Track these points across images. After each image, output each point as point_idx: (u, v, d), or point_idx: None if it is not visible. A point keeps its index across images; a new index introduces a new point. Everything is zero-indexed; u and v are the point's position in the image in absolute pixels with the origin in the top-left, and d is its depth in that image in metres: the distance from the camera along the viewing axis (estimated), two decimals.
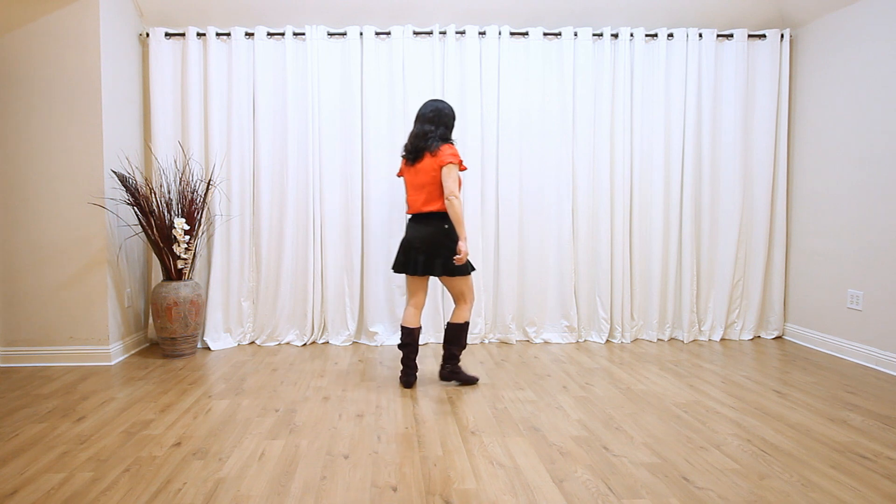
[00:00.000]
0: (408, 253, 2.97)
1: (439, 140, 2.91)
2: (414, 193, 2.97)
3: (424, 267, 2.91)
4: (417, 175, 2.94)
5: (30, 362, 3.47)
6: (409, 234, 2.99)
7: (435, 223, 2.92)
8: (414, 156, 2.94)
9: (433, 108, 2.95)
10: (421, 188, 2.93)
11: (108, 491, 1.92)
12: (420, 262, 2.91)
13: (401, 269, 3.00)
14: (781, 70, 3.98)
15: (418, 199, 2.95)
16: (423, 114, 2.96)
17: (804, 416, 2.59)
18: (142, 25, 3.90)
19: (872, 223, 3.41)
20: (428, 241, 2.90)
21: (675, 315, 4.08)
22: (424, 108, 2.97)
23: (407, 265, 2.97)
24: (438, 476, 2.03)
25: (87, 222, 3.45)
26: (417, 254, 2.93)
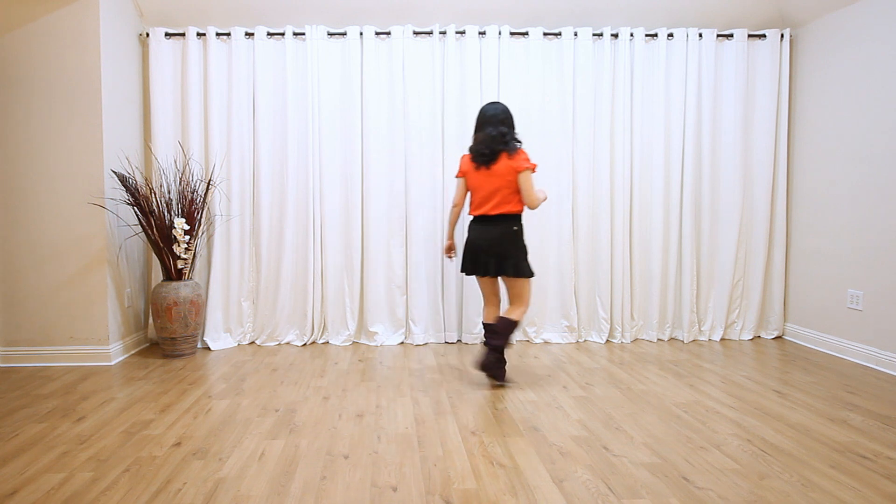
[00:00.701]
0: (477, 255, 2.99)
1: (514, 142, 2.96)
2: (484, 195, 2.96)
3: (497, 268, 2.95)
4: (491, 178, 2.94)
5: (30, 362, 3.47)
6: (477, 237, 2.99)
7: (505, 225, 2.95)
8: (489, 159, 2.93)
9: (503, 111, 2.97)
10: (495, 191, 2.93)
11: (108, 491, 1.92)
12: (491, 264, 2.95)
13: (471, 271, 3.03)
14: (781, 70, 3.98)
15: (490, 201, 2.95)
16: (495, 115, 2.96)
17: (804, 416, 2.59)
18: (142, 25, 3.90)
19: (872, 223, 3.41)
20: (498, 242, 2.94)
21: (675, 315, 4.08)
22: (493, 109, 2.97)
23: (477, 267, 3.00)
24: (438, 476, 2.03)
25: (87, 222, 3.45)
26: (488, 256, 2.96)
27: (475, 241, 3.01)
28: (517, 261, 2.94)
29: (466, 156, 3.07)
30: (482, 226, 3.00)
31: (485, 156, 2.94)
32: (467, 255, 3.05)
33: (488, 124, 2.96)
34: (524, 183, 2.91)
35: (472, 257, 3.03)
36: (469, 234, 3.06)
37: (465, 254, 3.06)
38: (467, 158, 3.05)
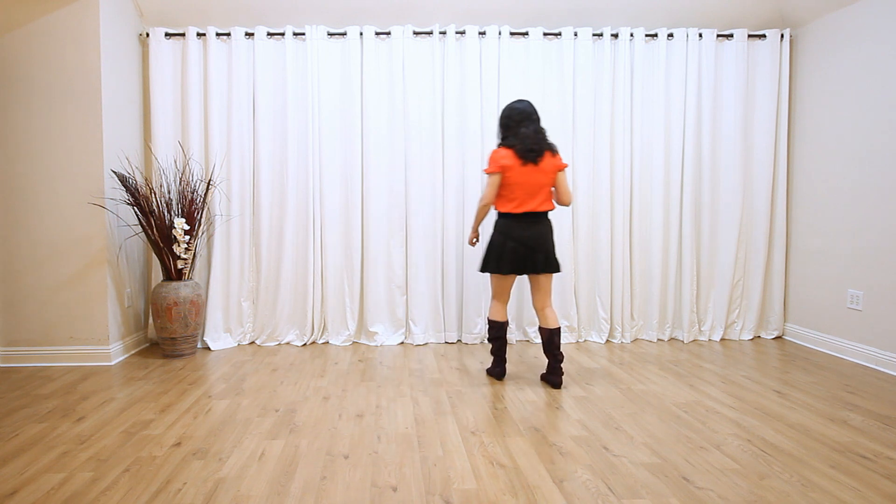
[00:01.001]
0: (522, 253, 2.93)
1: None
2: (530, 192, 2.92)
3: (544, 265, 2.94)
4: (537, 175, 2.91)
5: (30, 362, 3.47)
6: (523, 234, 2.93)
7: (547, 222, 2.98)
8: (538, 155, 2.91)
9: (534, 110, 2.98)
10: (540, 188, 2.93)
11: (108, 491, 1.92)
12: (539, 260, 2.93)
13: (519, 269, 2.95)
14: (781, 70, 3.98)
15: (536, 198, 2.93)
16: (534, 112, 2.96)
17: (804, 416, 2.59)
18: (142, 25, 3.90)
19: (872, 223, 3.41)
20: (546, 239, 2.96)
21: (675, 315, 4.09)
22: (529, 107, 2.96)
23: (525, 265, 2.94)
24: (438, 476, 2.03)
25: (87, 222, 3.45)
26: (537, 253, 2.94)
27: (523, 238, 2.92)
28: (555, 256, 3.01)
29: (506, 151, 2.93)
30: (529, 223, 2.94)
31: (535, 152, 2.91)
32: (509, 253, 2.93)
33: (529, 121, 2.94)
34: (564, 180, 2.98)
35: (517, 255, 2.93)
36: (510, 231, 2.94)
37: (506, 253, 2.94)
38: (510, 154, 2.91)
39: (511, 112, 2.98)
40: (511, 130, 2.97)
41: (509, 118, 2.98)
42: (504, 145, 2.96)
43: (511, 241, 2.94)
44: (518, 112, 2.96)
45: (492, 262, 2.99)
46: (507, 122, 2.99)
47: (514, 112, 2.96)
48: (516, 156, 2.91)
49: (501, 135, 3.03)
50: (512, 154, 2.92)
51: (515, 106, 2.98)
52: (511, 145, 2.93)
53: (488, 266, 3.01)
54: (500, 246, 2.96)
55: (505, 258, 2.95)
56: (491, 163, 2.95)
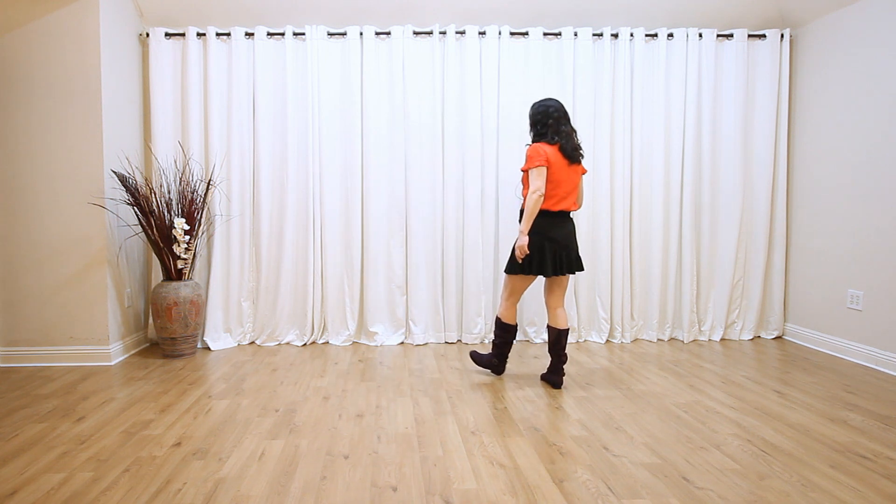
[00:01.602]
0: (558, 252, 2.91)
1: None
2: (569, 191, 2.93)
3: (572, 264, 2.95)
4: (574, 175, 2.95)
5: (30, 362, 3.47)
6: (558, 233, 2.91)
7: (572, 221, 3.01)
8: (579, 155, 2.94)
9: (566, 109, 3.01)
10: (575, 187, 2.97)
11: (108, 491, 1.92)
12: (573, 258, 2.96)
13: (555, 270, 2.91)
14: (781, 70, 3.98)
15: (570, 197, 2.95)
16: (566, 114, 2.97)
17: (804, 416, 2.59)
18: (142, 25, 3.90)
19: (872, 223, 3.41)
20: (574, 238, 3.00)
21: (675, 315, 4.08)
22: (561, 106, 2.96)
23: (560, 265, 2.92)
24: (438, 476, 2.03)
25: (87, 222, 3.45)
26: (571, 251, 2.95)
27: (560, 237, 2.91)
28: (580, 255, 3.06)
29: (549, 146, 2.89)
30: (563, 221, 2.95)
31: (578, 152, 2.95)
32: (550, 254, 2.89)
33: (566, 121, 2.95)
34: (582, 184, 3.08)
35: (556, 255, 2.91)
36: (547, 230, 2.90)
37: (548, 253, 2.89)
38: (555, 150, 2.88)
39: (548, 110, 2.94)
40: (550, 128, 2.93)
41: (547, 115, 2.94)
42: (546, 142, 2.93)
43: (549, 241, 2.90)
44: (555, 110, 2.94)
45: (534, 266, 2.90)
46: (545, 120, 2.94)
47: (552, 110, 2.94)
48: (562, 154, 2.90)
49: (538, 131, 2.99)
50: (556, 151, 2.90)
51: (551, 104, 2.96)
52: (555, 142, 2.91)
53: (530, 269, 2.91)
54: (540, 248, 2.89)
55: (546, 259, 2.89)
56: (535, 157, 2.85)
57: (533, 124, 3.01)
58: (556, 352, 3.00)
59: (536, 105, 3.00)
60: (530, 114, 3.03)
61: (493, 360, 3.17)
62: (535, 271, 2.91)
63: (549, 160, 2.87)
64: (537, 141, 2.97)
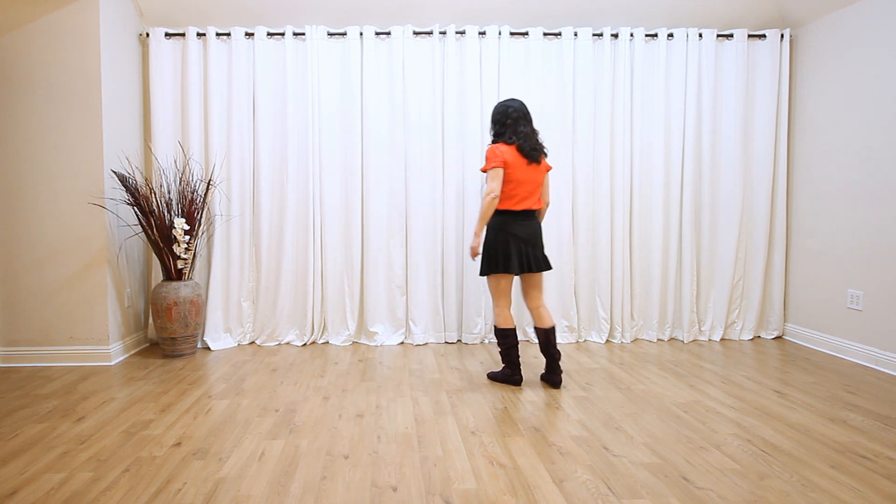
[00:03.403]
0: (523, 250, 2.94)
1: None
2: (531, 190, 2.96)
3: (538, 262, 2.98)
4: (536, 174, 2.97)
5: (30, 362, 3.47)
6: (521, 232, 2.94)
7: (536, 220, 3.04)
8: (538, 154, 2.97)
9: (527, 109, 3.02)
10: (538, 186, 3.00)
11: (108, 491, 1.92)
12: (540, 257, 2.99)
13: (521, 268, 2.93)
14: (781, 70, 3.98)
15: (532, 196, 2.98)
16: (527, 113, 3.00)
17: (804, 416, 2.59)
18: (142, 25, 3.90)
19: (872, 223, 3.41)
20: (539, 236, 3.03)
21: (675, 315, 4.08)
22: (524, 106, 2.99)
23: (527, 263, 2.94)
24: (438, 476, 2.03)
25: (87, 222, 3.45)
26: (535, 249, 2.98)
27: (525, 235, 2.95)
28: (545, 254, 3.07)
29: (508, 147, 2.92)
30: (527, 220, 2.97)
31: (538, 151, 2.97)
32: (515, 251, 2.91)
33: (526, 120, 2.98)
34: (548, 181, 3.08)
35: (521, 253, 2.93)
36: (510, 228, 2.92)
37: (513, 251, 2.91)
38: (512, 150, 2.91)
39: (507, 110, 2.98)
40: (509, 128, 2.97)
41: (506, 115, 2.98)
42: (503, 142, 2.96)
43: (513, 239, 2.93)
44: (514, 110, 2.98)
45: (500, 263, 2.92)
46: (504, 120, 2.98)
47: (511, 110, 2.98)
48: (520, 153, 2.93)
49: (497, 131, 3.03)
50: (514, 151, 2.93)
51: (511, 104, 2.99)
52: (513, 142, 2.94)
53: (497, 267, 2.93)
54: (504, 244, 2.93)
55: (512, 256, 2.91)
56: (493, 158, 2.90)
57: (492, 124, 3.05)
58: (549, 351, 3.00)
59: (497, 105, 3.05)
60: (491, 114, 3.08)
61: (505, 371, 3.07)
62: (502, 269, 2.93)
63: (507, 161, 2.91)
64: (496, 141, 3.02)
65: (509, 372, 3.06)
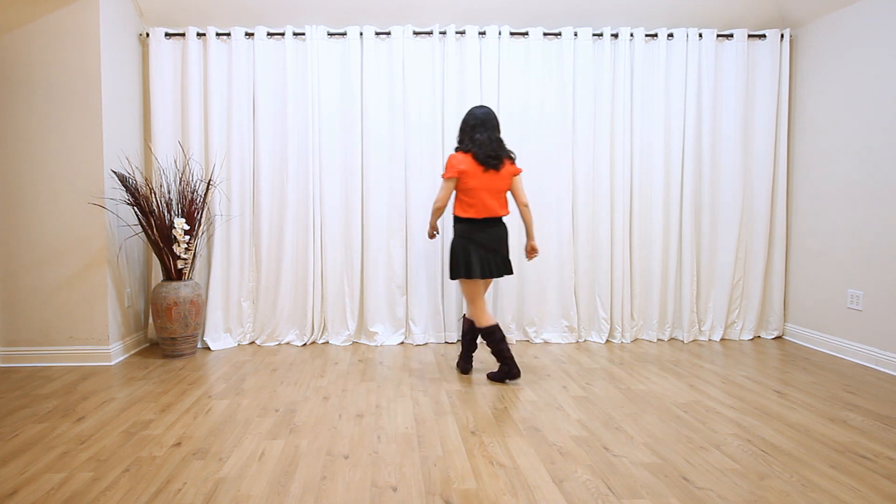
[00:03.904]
0: (487, 257, 3.01)
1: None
2: (491, 197, 3.01)
3: (502, 268, 3.06)
4: (497, 181, 3.00)
5: (30, 362, 3.47)
6: (485, 238, 3.02)
7: (503, 226, 3.09)
8: (498, 162, 2.99)
9: (494, 116, 3.05)
10: (499, 193, 3.03)
11: (108, 491, 1.92)
12: (500, 263, 3.06)
13: (483, 273, 3.00)
14: (781, 70, 3.98)
15: (495, 202, 3.02)
16: (491, 121, 3.02)
17: (804, 416, 2.59)
18: (142, 25, 3.90)
19: (872, 223, 3.41)
20: (504, 242, 3.08)
21: (675, 315, 4.08)
22: (488, 115, 3.03)
23: (490, 268, 3.02)
24: (438, 476, 2.03)
25: (87, 222, 3.45)
26: (496, 256, 3.04)
27: (487, 243, 3.02)
28: (509, 259, 3.14)
29: (464, 156, 2.98)
30: (491, 227, 3.03)
31: (495, 159, 2.98)
32: (475, 258, 3.00)
33: (484, 128, 3.01)
34: (519, 184, 3.08)
35: (483, 259, 3.01)
36: (472, 236, 3.01)
37: (471, 257, 3.00)
38: (468, 159, 2.97)
39: (468, 118, 3.06)
40: (466, 136, 3.04)
41: (465, 123, 3.06)
42: (461, 150, 3.03)
43: (475, 246, 3.02)
44: (474, 118, 3.03)
45: (462, 268, 3.03)
46: (464, 127, 3.07)
47: (471, 118, 3.04)
48: (476, 161, 2.98)
49: (458, 139, 3.11)
50: (470, 159, 2.99)
51: (473, 112, 3.05)
52: (468, 150, 3.00)
53: (459, 272, 3.04)
54: (466, 251, 3.02)
55: (474, 263, 3.01)
56: (448, 168, 3.00)
57: (458, 132, 3.13)
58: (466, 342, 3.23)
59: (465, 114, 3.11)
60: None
61: (503, 368, 3.10)
62: (464, 275, 3.02)
63: (462, 170, 2.98)
64: (457, 149, 3.07)
65: (506, 368, 3.08)
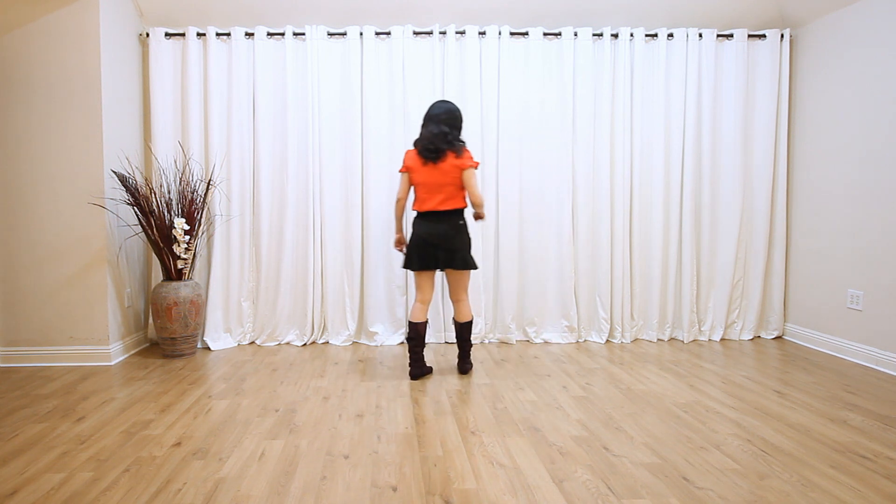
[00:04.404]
0: (425, 249, 3.03)
1: (459, 142, 3.03)
2: (430, 192, 3.02)
3: (446, 262, 3.03)
4: (437, 174, 3.00)
5: (30, 362, 3.47)
6: (424, 231, 3.04)
7: (453, 220, 3.04)
8: (436, 155, 2.98)
9: (447, 111, 3.03)
10: (440, 187, 3.01)
11: (108, 491, 1.92)
12: (441, 257, 3.02)
13: (418, 266, 3.04)
14: (781, 70, 3.98)
15: (435, 197, 3.02)
16: (438, 115, 3.02)
17: (804, 416, 2.59)
18: (142, 25, 3.90)
19: (872, 223, 3.41)
20: (447, 237, 3.02)
21: (675, 315, 4.08)
22: (437, 109, 3.03)
23: (427, 261, 3.03)
24: (438, 476, 2.03)
25: (87, 222, 3.45)
26: (437, 250, 3.02)
27: (425, 236, 3.04)
28: (464, 254, 3.06)
29: (411, 151, 3.09)
30: (429, 221, 3.04)
31: (432, 152, 2.99)
32: (414, 250, 3.06)
33: (432, 122, 3.03)
34: (469, 180, 3.01)
35: (421, 252, 3.05)
36: (415, 229, 3.08)
37: (412, 249, 3.08)
38: (413, 154, 3.07)
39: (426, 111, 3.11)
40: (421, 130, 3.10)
41: (424, 118, 3.10)
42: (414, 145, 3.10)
43: (416, 239, 3.06)
44: (427, 112, 3.08)
45: (405, 260, 3.13)
46: (422, 122, 3.12)
47: (426, 112, 3.09)
48: (418, 155, 3.03)
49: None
50: (415, 154, 3.05)
51: (430, 106, 3.09)
52: (416, 145, 3.07)
53: (404, 263, 3.15)
54: (409, 244, 3.12)
55: (413, 255, 3.07)
56: (402, 163, 3.14)
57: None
58: (460, 342, 3.22)
59: None
60: None
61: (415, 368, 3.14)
62: (405, 265, 3.12)
63: (408, 165, 3.08)
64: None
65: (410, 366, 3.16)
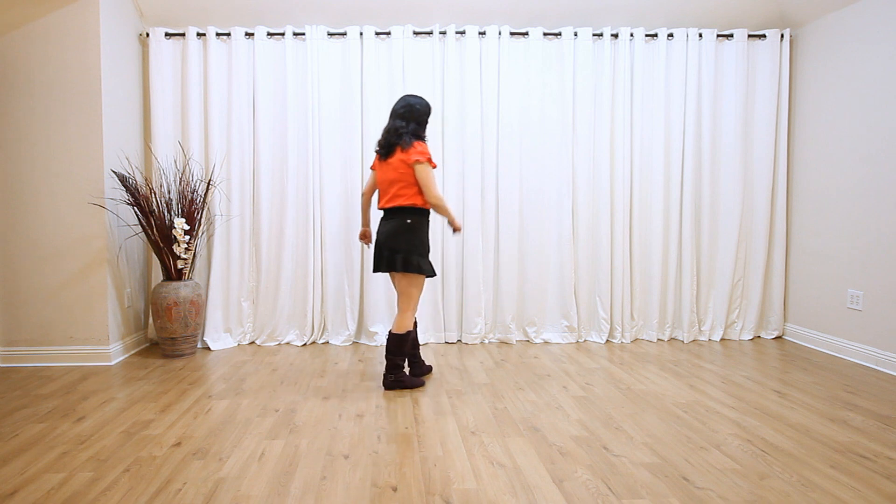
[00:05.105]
0: (377, 249, 2.95)
1: (411, 136, 2.88)
2: (383, 189, 2.95)
3: (388, 263, 2.88)
4: (388, 170, 2.91)
5: (30, 362, 3.47)
6: (379, 230, 2.96)
7: (399, 218, 2.89)
8: (386, 151, 2.92)
9: (405, 104, 2.93)
10: (390, 184, 2.90)
11: (108, 491, 1.92)
12: (384, 257, 2.89)
13: (374, 267, 2.97)
14: (781, 70, 3.98)
15: (386, 194, 2.93)
16: (395, 109, 2.95)
17: (804, 416, 2.59)
18: (142, 25, 3.90)
19: (873, 223, 3.41)
20: (392, 235, 2.88)
21: (675, 315, 4.08)
22: (397, 103, 2.96)
23: (377, 262, 2.94)
24: (438, 476, 2.03)
25: (87, 222, 3.45)
26: (382, 249, 2.91)
27: (378, 235, 2.96)
28: (406, 255, 2.84)
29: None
30: (383, 220, 2.97)
31: (384, 148, 2.94)
32: (375, 251, 2.97)
33: (390, 117, 2.97)
34: (419, 174, 2.83)
35: (375, 252, 2.97)
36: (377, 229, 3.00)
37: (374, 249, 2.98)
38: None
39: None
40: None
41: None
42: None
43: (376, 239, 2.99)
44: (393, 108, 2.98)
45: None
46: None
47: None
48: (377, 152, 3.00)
49: None
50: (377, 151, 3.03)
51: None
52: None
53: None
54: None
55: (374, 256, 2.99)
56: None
57: None
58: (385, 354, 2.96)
59: None
60: None
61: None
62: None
63: (374, 162, 3.04)
64: None
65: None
